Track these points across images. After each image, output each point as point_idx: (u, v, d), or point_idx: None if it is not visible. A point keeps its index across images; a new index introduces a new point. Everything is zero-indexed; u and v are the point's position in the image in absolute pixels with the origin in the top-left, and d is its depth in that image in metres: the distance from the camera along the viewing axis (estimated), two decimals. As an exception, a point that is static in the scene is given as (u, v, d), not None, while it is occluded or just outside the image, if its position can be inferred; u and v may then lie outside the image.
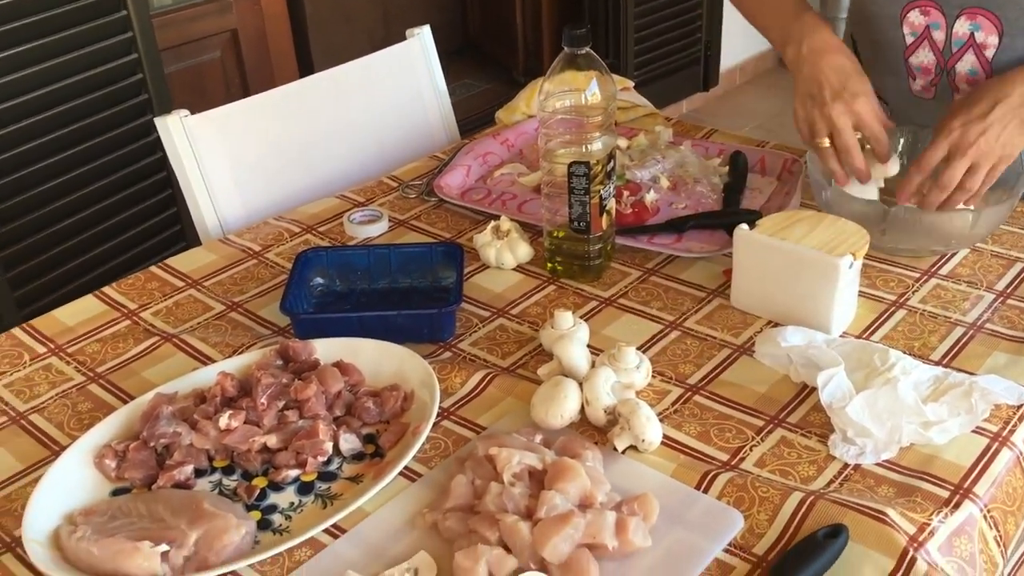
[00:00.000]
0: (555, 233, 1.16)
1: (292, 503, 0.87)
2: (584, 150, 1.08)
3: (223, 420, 0.91)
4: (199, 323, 1.14)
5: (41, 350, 1.10)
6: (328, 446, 0.90)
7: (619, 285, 1.16)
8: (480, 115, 2.81)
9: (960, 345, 1.03)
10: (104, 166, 2.13)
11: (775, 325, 1.06)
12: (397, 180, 1.45)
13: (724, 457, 0.90)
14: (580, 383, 0.94)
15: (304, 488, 0.88)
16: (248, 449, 0.90)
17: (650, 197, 1.29)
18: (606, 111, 1.09)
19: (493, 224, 1.22)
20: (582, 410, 0.93)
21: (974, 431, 0.90)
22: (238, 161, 1.48)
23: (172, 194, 2.24)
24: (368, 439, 0.94)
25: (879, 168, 1.17)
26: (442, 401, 0.97)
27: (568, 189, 1.10)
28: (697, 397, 0.97)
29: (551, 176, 1.12)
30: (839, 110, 1.13)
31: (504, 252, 1.20)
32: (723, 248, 1.18)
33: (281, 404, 0.94)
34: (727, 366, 1.02)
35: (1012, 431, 0.90)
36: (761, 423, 0.94)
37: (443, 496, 0.84)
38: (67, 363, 1.07)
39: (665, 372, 1.01)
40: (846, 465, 0.88)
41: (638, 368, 0.97)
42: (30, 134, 1.98)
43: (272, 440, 0.91)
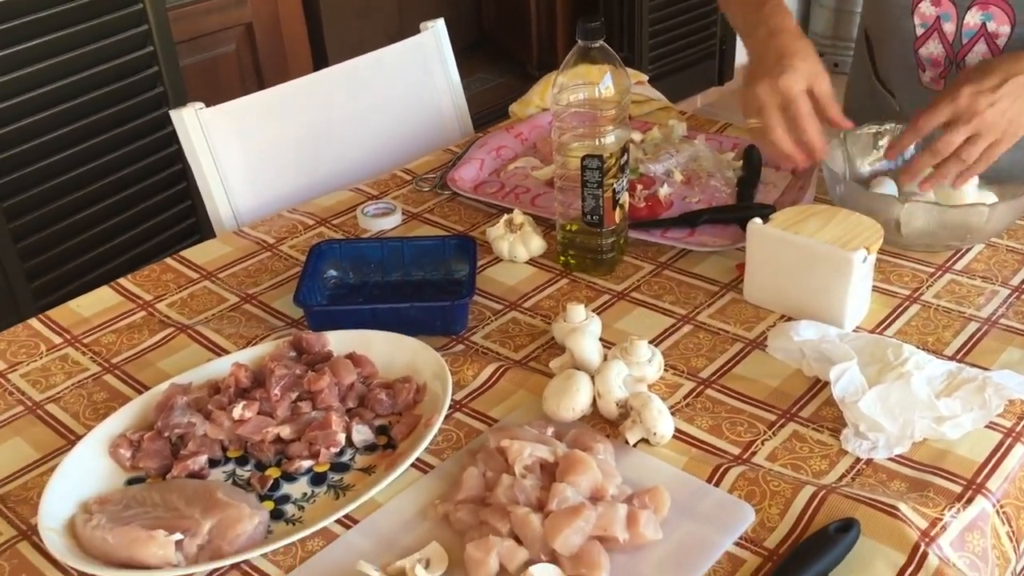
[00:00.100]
0: (568, 227, 1.16)
1: (305, 493, 0.87)
2: (597, 143, 1.08)
3: (237, 411, 0.92)
4: (213, 314, 1.14)
5: (57, 340, 1.11)
6: (341, 437, 0.91)
7: (632, 279, 1.16)
8: (494, 109, 2.81)
9: (974, 340, 1.02)
10: (120, 159, 2.14)
11: (788, 319, 1.06)
12: (411, 173, 1.45)
13: (736, 451, 0.89)
14: (592, 376, 0.94)
15: (317, 479, 0.89)
16: (261, 440, 0.91)
17: (664, 191, 1.29)
18: (620, 104, 1.09)
19: (506, 217, 1.22)
20: (594, 403, 0.93)
21: (987, 426, 0.90)
22: (253, 154, 1.48)
23: (187, 187, 2.25)
24: (380, 431, 0.94)
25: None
26: (454, 393, 0.97)
27: (581, 183, 1.10)
28: (709, 391, 0.97)
29: (564, 170, 1.12)
30: (788, 79, 1.04)
31: (517, 245, 1.20)
32: (736, 242, 1.18)
33: (294, 395, 0.95)
34: (739, 360, 1.01)
35: (1026, 427, 0.90)
36: (773, 417, 0.93)
37: (455, 488, 0.84)
38: (83, 353, 1.08)
39: (677, 366, 1.01)
40: (858, 460, 0.88)
41: (650, 361, 0.97)
42: (47, 127, 1.99)
43: (285, 431, 0.91)
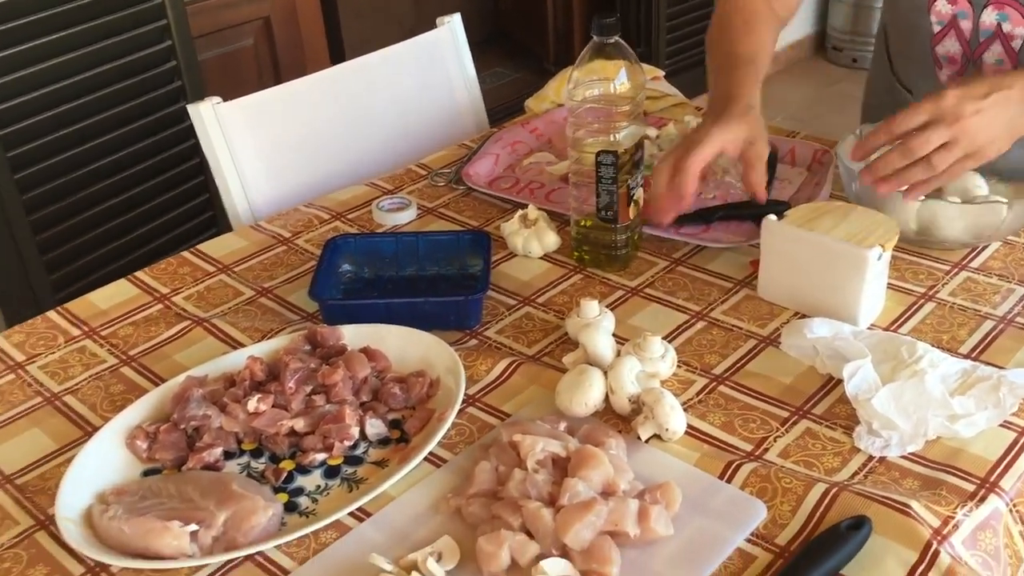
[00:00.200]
0: (582, 222, 1.16)
1: (318, 486, 0.88)
2: (612, 139, 1.08)
3: (252, 403, 0.92)
4: (229, 308, 1.15)
5: (75, 333, 1.12)
6: (354, 431, 0.91)
7: (646, 275, 1.16)
8: (510, 104, 2.81)
9: (989, 339, 1.02)
10: (138, 153, 2.15)
11: (802, 316, 1.06)
12: (426, 168, 1.46)
13: (748, 447, 0.90)
14: (605, 372, 0.94)
15: (330, 472, 0.90)
16: (276, 432, 0.91)
17: (678, 187, 1.28)
18: (635, 100, 1.09)
19: (521, 213, 1.22)
20: (606, 399, 0.93)
21: (1001, 425, 0.90)
22: (269, 148, 1.49)
23: (204, 180, 2.26)
24: (394, 424, 0.95)
25: None
26: (467, 388, 0.97)
27: (596, 178, 1.10)
28: (722, 387, 0.97)
29: (579, 165, 1.12)
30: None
31: (531, 241, 1.20)
32: (751, 239, 1.17)
33: (309, 389, 0.95)
34: (753, 357, 1.01)
35: (1040, 426, 0.90)
36: (786, 414, 0.93)
37: (467, 482, 0.85)
38: (100, 346, 1.09)
39: (690, 362, 1.01)
40: (871, 457, 0.88)
41: (663, 357, 0.97)
42: (66, 121, 2.01)
43: (299, 424, 0.92)
